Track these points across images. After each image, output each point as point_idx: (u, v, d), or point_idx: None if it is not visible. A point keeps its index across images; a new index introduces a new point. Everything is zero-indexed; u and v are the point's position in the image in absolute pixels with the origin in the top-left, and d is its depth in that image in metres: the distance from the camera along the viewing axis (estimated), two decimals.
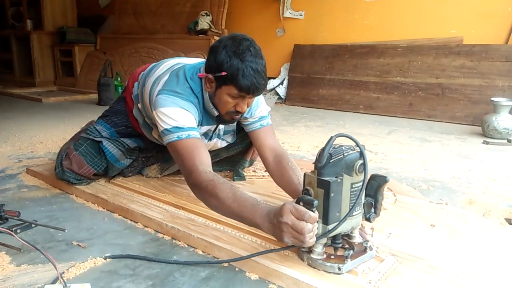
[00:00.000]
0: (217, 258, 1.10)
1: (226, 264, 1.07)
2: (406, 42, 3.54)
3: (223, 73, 1.21)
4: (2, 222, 1.29)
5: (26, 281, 0.99)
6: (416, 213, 1.35)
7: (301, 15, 4.18)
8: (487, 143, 2.50)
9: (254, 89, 1.22)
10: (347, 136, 0.99)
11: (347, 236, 1.07)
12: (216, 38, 4.26)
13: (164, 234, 1.24)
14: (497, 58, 3.08)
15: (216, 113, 1.35)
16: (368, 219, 1.05)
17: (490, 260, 1.06)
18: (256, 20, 4.44)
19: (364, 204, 1.04)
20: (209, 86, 1.29)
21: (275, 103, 4.13)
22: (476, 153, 2.29)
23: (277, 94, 4.23)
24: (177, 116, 1.25)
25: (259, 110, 1.44)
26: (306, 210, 0.92)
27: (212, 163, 1.68)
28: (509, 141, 2.49)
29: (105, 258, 1.09)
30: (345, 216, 0.98)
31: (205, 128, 1.44)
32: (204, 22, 4.36)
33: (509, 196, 1.60)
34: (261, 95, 1.48)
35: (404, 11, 3.59)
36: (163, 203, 1.40)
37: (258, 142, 1.44)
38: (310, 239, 0.92)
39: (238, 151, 1.66)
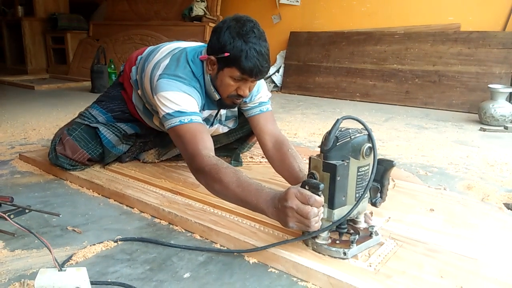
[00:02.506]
0: (215, 243, 1.09)
1: (225, 248, 1.06)
2: (403, 29, 3.51)
3: (226, 54, 1.18)
4: None
5: (20, 266, 0.97)
6: (415, 198, 1.34)
7: (298, 1, 4.13)
8: (484, 130, 2.49)
9: (257, 71, 1.19)
10: (354, 119, 0.96)
11: (352, 221, 1.05)
12: (211, 24, 4.21)
13: (161, 219, 1.22)
14: (494, 45, 3.06)
15: (217, 97, 1.32)
16: (374, 204, 1.04)
17: (490, 243, 1.05)
18: (251, 6, 4.38)
19: (370, 188, 1.01)
20: (211, 69, 1.26)
21: (271, 91, 4.10)
22: (473, 139, 2.29)
23: (273, 82, 4.19)
24: (179, 100, 1.22)
25: (259, 95, 1.41)
26: (312, 194, 0.89)
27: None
28: (505, 128, 2.49)
29: (115, 241, 1.08)
30: (356, 204, 0.96)
31: (206, 113, 1.41)
32: (198, 9, 4.30)
33: (507, 182, 1.59)
34: (263, 81, 1.46)
35: None
36: (159, 188, 1.38)
37: (257, 128, 1.41)
38: (315, 224, 0.90)
39: (239, 137, 1.63)
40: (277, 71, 4.19)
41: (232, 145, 1.69)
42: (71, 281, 0.78)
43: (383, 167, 1.01)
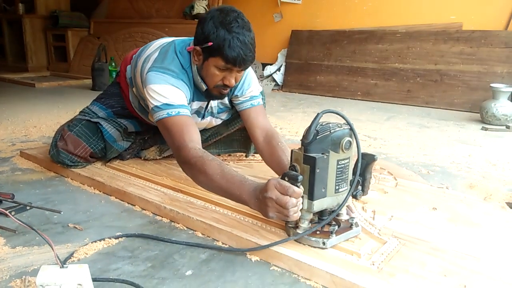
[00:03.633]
0: (217, 241, 1.09)
1: (227, 246, 1.05)
2: (405, 27, 3.51)
3: (210, 44, 1.19)
4: None
5: (21, 262, 0.96)
6: (417, 197, 1.34)
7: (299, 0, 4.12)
8: (486, 129, 2.49)
9: (240, 60, 1.20)
10: (335, 113, 0.99)
11: None
12: None
13: (162, 217, 1.22)
14: (496, 44, 3.05)
15: (204, 87, 1.33)
16: (354, 196, 1.06)
17: (493, 242, 1.05)
18: (253, 4, 4.37)
19: (351, 181, 1.04)
20: (197, 59, 1.28)
21: (272, 89, 4.09)
22: (475, 139, 2.28)
23: (274, 80, 4.18)
24: (167, 93, 1.24)
25: (250, 89, 1.44)
26: (290, 185, 0.92)
27: (211, 144, 1.65)
28: (507, 127, 2.48)
29: (116, 238, 1.08)
30: (345, 198, 1.00)
31: (196, 105, 1.42)
32: (200, 7, 4.29)
33: (509, 181, 1.59)
34: (254, 75, 1.47)
35: None
36: (161, 186, 1.38)
37: (248, 121, 1.43)
38: (294, 214, 0.93)
39: (239, 127, 1.62)
40: (278, 69, 4.18)
41: (232, 137, 1.68)
42: (73, 278, 0.78)
43: (365, 161, 1.04)
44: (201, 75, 1.30)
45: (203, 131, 1.62)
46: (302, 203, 0.96)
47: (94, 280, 0.84)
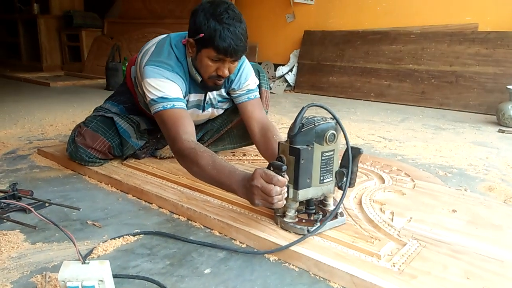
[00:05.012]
0: (234, 240, 1.08)
1: (244, 245, 1.05)
2: (420, 28, 3.47)
3: (201, 35, 1.21)
4: (15, 201, 1.27)
5: (41, 258, 0.97)
6: (436, 199, 1.32)
7: (312, 0, 4.11)
8: (503, 131, 2.45)
9: (232, 51, 1.22)
10: (320, 106, 1.02)
11: (322, 204, 1.13)
12: None
13: (179, 215, 1.22)
14: None
15: (199, 79, 1.35)
16: (340, 187, 1.08)
17: None
18: (265, 5, 4.37)
19: (336, 172, 1.07)
20: (191, 51, 1.30)
21: (284, 90, 4.08)
22: (492, 141, 2.25)
23: (286, 81, 4.18)
24: (163, 87, 1.28)
25: (247, 83, 1.47)
26: (275, 174, 0.97)
27: (225, 137, 1.66)
28: None
29: (134, 235, 1.08)
30: (344, 193, 1.06)
31: (194, 97, 1.45)
32: None
33: None
34: (251, 69, 1.50)
35: None
36: (177, 184, 1.38)
37: (245, 114, 1.47)
38: (278, 201, 0.98)
39: None
40: (291, 70, 4.17)
41: (246, 129, 1.67)
42: (94, 274, 0.78)
43: (352, 154, 1.06)
44: (195, 66, 1.33)
45: (212, 121, 1.65)
46: (288, 192, 1.01)
47: (115, 276, 0.85)
